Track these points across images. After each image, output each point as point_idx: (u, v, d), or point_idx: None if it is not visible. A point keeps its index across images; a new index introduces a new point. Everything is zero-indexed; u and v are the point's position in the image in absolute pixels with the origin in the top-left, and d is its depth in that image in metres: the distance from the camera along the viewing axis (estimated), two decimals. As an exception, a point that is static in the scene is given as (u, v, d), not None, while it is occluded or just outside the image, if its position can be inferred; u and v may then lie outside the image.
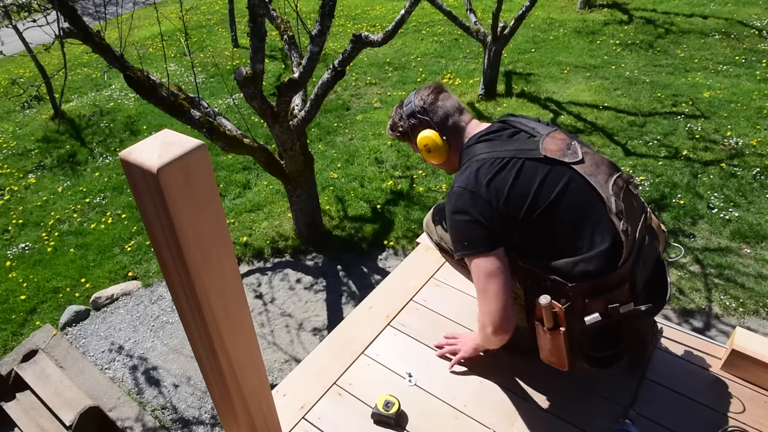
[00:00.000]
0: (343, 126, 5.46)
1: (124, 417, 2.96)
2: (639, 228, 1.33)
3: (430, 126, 1.48)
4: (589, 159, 1.37)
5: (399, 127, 1.54)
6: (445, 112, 1.48)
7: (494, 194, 1.31)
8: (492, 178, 1.32)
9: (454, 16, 5.19)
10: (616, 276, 1.28)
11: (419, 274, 2.08)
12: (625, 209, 1.31)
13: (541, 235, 1.32)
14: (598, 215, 1.31)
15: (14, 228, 4.50)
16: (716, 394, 1.59)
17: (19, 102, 6.56)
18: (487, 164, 1.34)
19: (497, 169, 1.33)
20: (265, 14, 2.84)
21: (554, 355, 1.36)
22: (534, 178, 1.32)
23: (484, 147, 1.40)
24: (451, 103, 1.50)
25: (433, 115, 1.48)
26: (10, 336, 3.54)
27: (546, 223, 1.31)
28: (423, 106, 1.49)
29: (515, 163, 1.33)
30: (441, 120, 1.48)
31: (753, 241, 3.55)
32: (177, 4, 9.89)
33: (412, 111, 1.49)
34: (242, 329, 1.08)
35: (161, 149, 0.79)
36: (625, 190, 1.34)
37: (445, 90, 1.52)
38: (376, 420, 1.57)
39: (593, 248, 1.28)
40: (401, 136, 1.55)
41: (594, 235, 1.29)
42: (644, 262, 1.34)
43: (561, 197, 1.31)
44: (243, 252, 3.95)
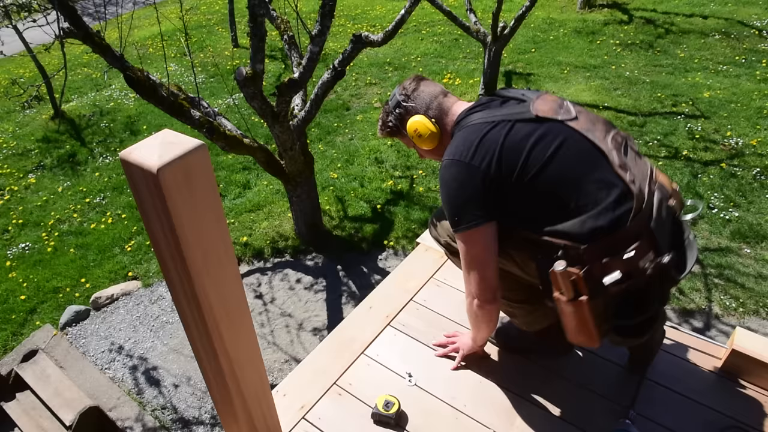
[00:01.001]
0: (343, 126, 5.46)
1: (124, 417, 2.96)
2: (648, 182, 1.24)
3: (417, 111, 1.46)
4: (584, 116, 1.32)
5: (388, 123, 1.52)
6: (429, 95, 1.46)
7: (484, 158, 1.26)
8: (480, 142, 1.28)
9: (454, 16, 5.19)
10: (631, 231, 1.19)
11: (419, 274, 2.08)
12: (629, 162, 1.25)
13: (541, 198, 1.26)
14: (601, 169, 1.24)
15: (14, 228, 4.50)
16: (716, 394, 1.59)
17: (19, 102, 6.56)
18: (475, 130, 1.31)
19: (485, 131, 1.28)
20: (265, 14, 2.84)
21: (581, 331, 1.25)
22: (526, 138, 1.26)
23: (473, 118, 1.36)
24: (433, 88, 1.48)
25: (417, 100, 1.46)
26: (10, 336, 3.54)
27: (545, 184, 1.24)
28: (406, 94, 1.48)
29: (504, 125, 1.28)
30: (426, 104, 1.46)
31: (753, 241, 3.55)
32: (177, 4, 9.89)
33: (397, 101, 1.48)
34: (242, 329, 1.08)
35: (161, 149, 0.79)
36: (624, 145, 1.29)
37: (425, 78, 1.52)
38: (376, 420, 1.57)
39: (600, 203, 1.21)
40: (391, 131, 1.54)
41: (599, 190, 1.22)
42: (660, 219, 1.23)
43: (557, 154, 1.25)
44: (243, 252, 3.95)
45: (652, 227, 1.20)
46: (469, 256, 1.33)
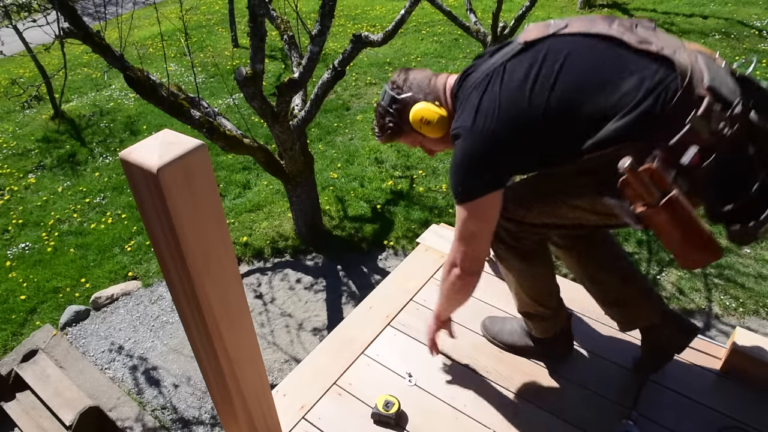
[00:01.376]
0: (343, 126, 5.46)
1: (124, 417, 2.96)
2: (680, 47, 1.08)
3: (416, 100, 1.35)
4: (577, 20, 1.20)
5: (387, 125, 1.41)
6: (422, 80, 1.38)
7: (486, 120, 1.17)
8: (479, 104, 1.19)
9: (454, 16, 5.19)
10: (686, 99, 1.01)
11: (419, 274, 2.08)
12: (648, 37, 1.10)
13: (570, 123, 1.12)
14: (622, 57, 1.10)
15: (14, 228, 4.50)
16: (716, 394, 1.59)
17: (19, 102, 6.55)
18: (473, 94, 1.22)
19: (482, 92, 1.19)
20: (265, 14, 2.85)
21: (692, 239, 1.04)
22: (525, 74, 1.15)
23: (467, 83, 1.27)
24: (422, 73, 1.40)
25: (413, 89, 1.37)
26: (10, 336, 3.54)
27: (567, 107, 1.11)
28: (398, 86, 1.38)
29: (497, 74, 1.19)
30: (423, 89, 1.36)
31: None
32: (177, 4, 9.89)
33: (391, 98, 1.38)
34: (242, 329, 1.08)
35: (161, 149, 0.79)
36: (635, 25, 1.15)
37: (411, 68, 1.44)
38: (376, 420, 1.57)
39: (636, 89, 1.05)
40: (392, 132, 1.41)
41: (630, 77, 1.07)
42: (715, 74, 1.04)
43: (564, 70, 1.12)
44: (243, 252, 3.95)
45: (709, 85, 1.01)
46: (467, 227, 1.27)
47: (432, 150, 1.46)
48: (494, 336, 1.77)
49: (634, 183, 1.02)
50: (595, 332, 1.80)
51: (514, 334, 1.74)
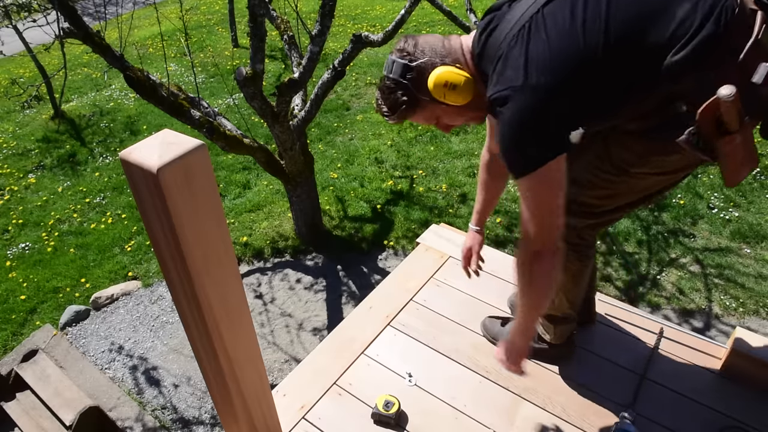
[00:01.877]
0: (343, 126, 5.46)
1: (124, 417, 2.96)
2: None
3: (435, 65, 1.17)
4: None
5: (400, 98, 1.20)
6: (435, 42, 1.20)
7: (541, 72, 1.02)
8: (526, 56, 1.03)
9: (454, 16, 5.19)
10: (744, 16, 0.96)
11: (419, 274, 2.08)
12: None
13: (629, 56, 1.03)
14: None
15: (14, 228, 4.50)
16: (716, 394, 1.59)
17: (19, 102, 6.55)
18: (514, 49, 1.05)
19: (525, 43, 1.04)
20: (265, 14, 2.85)
21: (749, 156, 1.05)
22: (565, 11, 1.03)
23: (495, 39, 1.12)
24: (432, 37, 1.22)
25: (427, 53, 1.18)
26: (10, 336, 3.54)
27: (624, 39, 1.01)
28: (408, 53, 1.19)
29: (536, 21, 1.05)
30: (439, 52, 1.19)
31: (753, 241, 3.55)
32: (177, 4, 9.89)
33: (402, 67, 1.18)
34: (242, 329, 1.08)
35: (161, 149, 0.79)
36: None
37: (417, 34, 1.25)
38: (376, 420, 1.57)
39: (696, 11, 0.98)
40: (407, 107, 1.21)
41: (682, 3, 0.99)
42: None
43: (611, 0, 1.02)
44: (243, 252, 3.95)
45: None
46: (542, 199, 1.11)
47: (450, 125, 1.30)
48: (494, 336, 1.77)
49: (727, 111, 0.96)
50: (595, 332, 1.80)
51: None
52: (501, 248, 3.58)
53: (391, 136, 5.15)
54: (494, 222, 3.95)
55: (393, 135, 5.17)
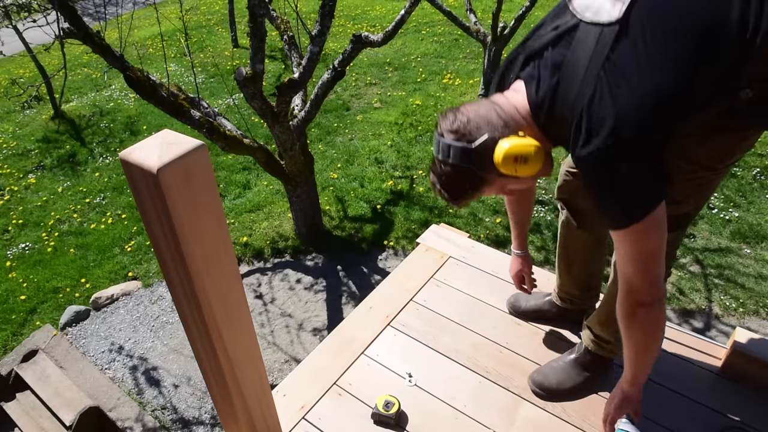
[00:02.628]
0: (343, 126, 5.46)
1: (124, 417, 2.96)
2: None
3: (495, 139, 1.07)
4: None
5: (466, 186, 1.14)
6: (485, 112, 1.10)
7: (634, 127, 0.95)
8: (616, 114, 0.95)
9: (454, 17, 5.19)
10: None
11: (419, 274, 2.08)
12: None
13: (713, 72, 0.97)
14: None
15: (14, 228, 4.50)
16: (716, 394, 1.59)
17: (19, 102, 6.56)
18: (595, 106, 0.97)
19: (609, 101, 0.96)
20: (265, 14, 2.85)
21: None
22: (639, 56, 0.95)
23: (564, 97, 1.03)
24: (478, 105, 1.12)
25: (482, 127, 1.08)
26: (10, 336, 3.54)
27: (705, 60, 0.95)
28: (464, 133, 1.09)
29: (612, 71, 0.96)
30: (492, 123, 1.09)
31: (753, 241, 3.55)
32: (177, 4, 9.89)
33: (462, 150, 1.08)
34: (242, 329, 1.08)
35: (161, 149, 0.79)
36: None
37: (456, 107, 1.14)
38: (376, 420, 1.57)
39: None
40: (475, 189, 1.14)
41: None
42: None
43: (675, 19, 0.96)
44: (243, 252, 3.95)
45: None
46: (647, 248, 1.05)
47: (519, 189, 1.21)
48: (557, 387, 1.60)
49: None
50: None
51: (570, 375, 1.61)
52: (501, 248, 3.58)
53: (391, 137, 5.15)
54: (494, 222, 3.95)
55: (393, 135, 5.17)
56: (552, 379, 1.60)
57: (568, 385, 1.59)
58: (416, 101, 5.72)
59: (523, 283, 1.75)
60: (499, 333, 1.82)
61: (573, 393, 1.59)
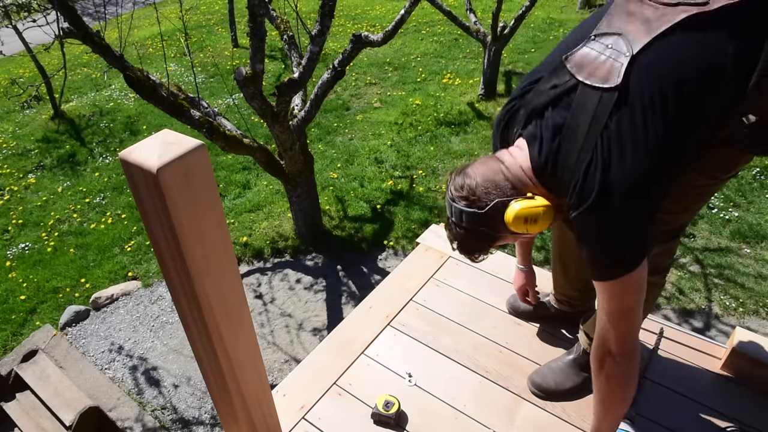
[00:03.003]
0: (343, 126, 5.46)
1: (124, 417, 2.96)
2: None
3: (504, 204, 1.12)
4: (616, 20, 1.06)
5: (478, 244, 1.21)
6: (492, 173, 1.15)
7: (627, 196, 0.99)
8: (608, 181, 0.99)
9: (454, 16, 5.19)
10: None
11: (419, 274, 2.08)
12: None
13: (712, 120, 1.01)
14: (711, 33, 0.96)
15: (14, 228, 4.50)
16: (716, 394, 1.59)
17: (19, 102, 6.56)
18: (591, 174, 1.00)
19: (603, 168, 0.99)
20: (264, 14, 2.85)
21: None
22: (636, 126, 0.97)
23: (564, 162, 1.06)
24: (484, 166, 1.17)
25: (490, 192, 1.13)
26: (10, 336, 3.54)
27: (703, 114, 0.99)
28: (473, 199, 1.14)
29: (610, 139, 0.98)
30: (500, 185, 1.13)
31: (753, 241, 3.55)
32: (177, 4, 9.89)
33: (474, 215, 1.14)
34: (242, 329, 1.08)
35: (161, 149, 0.79)
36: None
37: (459, 168, 1.20)
38: (376, 420, 1.57)
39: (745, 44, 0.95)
40: (488, 247, 1.22)
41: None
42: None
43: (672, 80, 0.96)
44: (243, 252, 3.95)
45: None
46: (626, 303, 1.09)
47: (528, 239, 1.29)
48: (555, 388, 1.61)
49: None
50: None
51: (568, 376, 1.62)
52: (501, 248, 3.58)
53: (391, 136, 5.15)
54: (494, 222, 3.95)
55: (393, 135, 5.17)
56: (550, 380, 1.60)
57: (566, 385, 1.59)
58: (416, 101, 5.72)
59: (527, 296, 1.79)
60: (499, 333, 1.82)
61: (572, 393, 1.59)
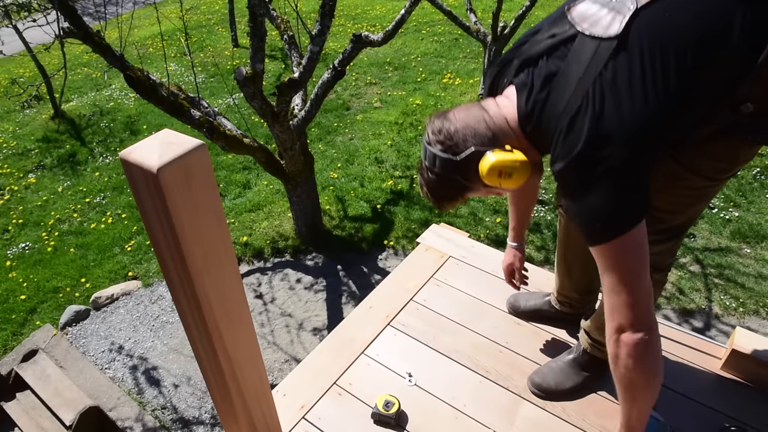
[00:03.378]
0: (343, 126, 5.46)
1: (124, 417, 2.96)
2: None
3: (481, 153, 1.06)
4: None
5: (448, 192, 1.15)
6: (474, 121, 1.08)
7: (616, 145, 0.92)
8: (597, 128, 0.93)
9: (454, 16, 5.19)
10: None
11: (419, 274, 2.08)
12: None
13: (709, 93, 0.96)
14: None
15: (14, 228, 4.50)
16: (716, 394, 1.59)
17: (19, 102, 6.55)
18: (578, 120, 0.94)
19: (593, 115, 0.93)
20: (265, 14, 2.85)
21: None
22: (634, 77, 0.92)
23: (551, 110, 1.00)
24: (468, 113, 1.10)
25: (468, 139, 1.07)
26: (10, 336, 3.54)
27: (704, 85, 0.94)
28: (449, 144, 1.08)
29: (603, 87, 0.93)
30: (480, 134, 1.07)
31: (753, 241, 3.55)
32: (177, 4, 9.89)
33: (446, 161, 1.09)
34: (242, 329, 1.08)
35: (161, 149, 0.79)
36: None
37: (442, 111, 1.13)
38: (376, 420, 1.57)
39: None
40: (459, 196, 1.16)
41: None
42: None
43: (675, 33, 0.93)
44: (243, 252, 3.95)
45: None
46: (629, 268, 0.99)
47: (503, 193, 1.21)
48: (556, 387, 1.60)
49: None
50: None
51: (568, 375, 1.61)
52: (501, 248, 3.58)
53: (391, 136, 5.15)
54: (494, 222, 3.95)
55: (393, 135, 5.17)
56: (550, 380, 1.60)
57: (567, 385, 1.59)
58: (416, 101, 5.72)
59: (513, 277, 1.72)
60: (499, 333, 1.82)
61: (572, 393, 1.59)
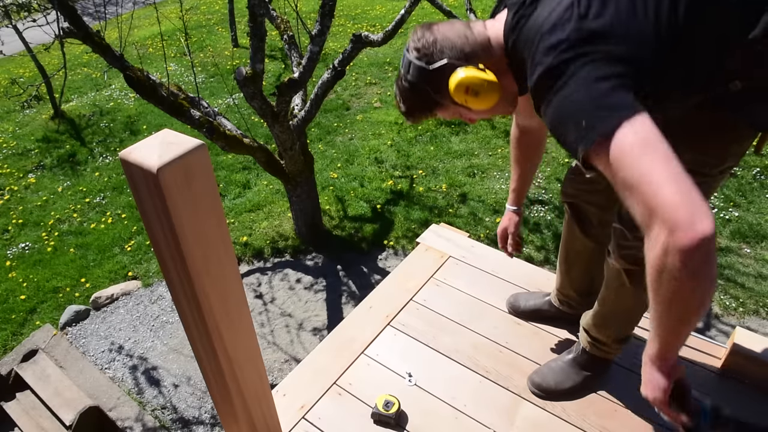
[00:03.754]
0: (343, 126, 5.46)
1: (124, 417, 2.96)
2: None
3: (454, 66, 1.04)
4: None
5: (417, 102, 1.13)
6: (455, 36, 1.06)
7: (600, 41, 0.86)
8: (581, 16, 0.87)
9: (454, 16, 5.19)
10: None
11: (419, 274, 2.08)
12: None
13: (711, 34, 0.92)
14: None
15: (14, 228, 4.50)
16: (716, 394, 1.59)
17: (19, 102, 6.55)
18: (560, 26, 0.88)
19: (576, 18, 0.87)
20: (265, 14, 2.85)
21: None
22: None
23: (534, 21, 0.95)
24: (453, 28, 1.08)
25: (446, 52, 1.05)
26: (10, 336, 3.54)
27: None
28: (426, 52, 1.06)
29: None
30: (457, 49, 1.05)
31: (753, 241, 3.55)
32: (177, 4, 9.89)
33: (419, 70, 1.07)
34: (242, 329, 1.08)
35: (161, 149, 0.79)
36: None
37: (435, 22, 1.10)
38: (376, 420, 1.57)
39: None
40: (427, 109, 1.14)
41: None
42: None
43: None
44: (243, 252, 3.95)
45: None
46: (640, 163, 0.80)
47: (474, 118, 1.17)
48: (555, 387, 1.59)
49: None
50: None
51: (568, 375, 1.61)
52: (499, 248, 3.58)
53: (390, 136, 5.15)
54: (494, 222, 3.95)
55: (393, 135, 5.17)
56: (550, 380, 1.60)
57: (566, 385, 1.59)
58: (416, 101, 5.71)
59: (506, 241, 1.67)
60: (499, 333, 1.82)
61: (572, 393, 1.59)
